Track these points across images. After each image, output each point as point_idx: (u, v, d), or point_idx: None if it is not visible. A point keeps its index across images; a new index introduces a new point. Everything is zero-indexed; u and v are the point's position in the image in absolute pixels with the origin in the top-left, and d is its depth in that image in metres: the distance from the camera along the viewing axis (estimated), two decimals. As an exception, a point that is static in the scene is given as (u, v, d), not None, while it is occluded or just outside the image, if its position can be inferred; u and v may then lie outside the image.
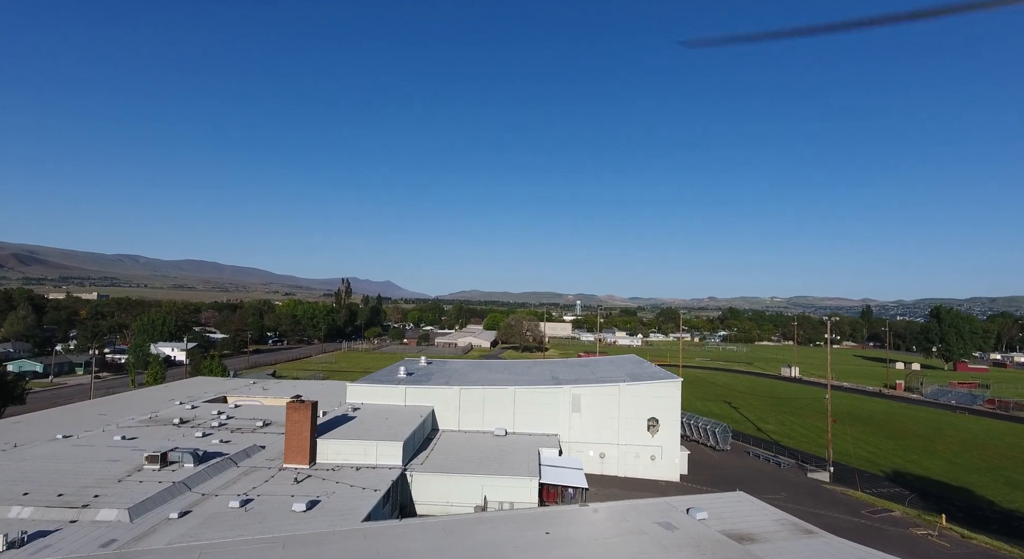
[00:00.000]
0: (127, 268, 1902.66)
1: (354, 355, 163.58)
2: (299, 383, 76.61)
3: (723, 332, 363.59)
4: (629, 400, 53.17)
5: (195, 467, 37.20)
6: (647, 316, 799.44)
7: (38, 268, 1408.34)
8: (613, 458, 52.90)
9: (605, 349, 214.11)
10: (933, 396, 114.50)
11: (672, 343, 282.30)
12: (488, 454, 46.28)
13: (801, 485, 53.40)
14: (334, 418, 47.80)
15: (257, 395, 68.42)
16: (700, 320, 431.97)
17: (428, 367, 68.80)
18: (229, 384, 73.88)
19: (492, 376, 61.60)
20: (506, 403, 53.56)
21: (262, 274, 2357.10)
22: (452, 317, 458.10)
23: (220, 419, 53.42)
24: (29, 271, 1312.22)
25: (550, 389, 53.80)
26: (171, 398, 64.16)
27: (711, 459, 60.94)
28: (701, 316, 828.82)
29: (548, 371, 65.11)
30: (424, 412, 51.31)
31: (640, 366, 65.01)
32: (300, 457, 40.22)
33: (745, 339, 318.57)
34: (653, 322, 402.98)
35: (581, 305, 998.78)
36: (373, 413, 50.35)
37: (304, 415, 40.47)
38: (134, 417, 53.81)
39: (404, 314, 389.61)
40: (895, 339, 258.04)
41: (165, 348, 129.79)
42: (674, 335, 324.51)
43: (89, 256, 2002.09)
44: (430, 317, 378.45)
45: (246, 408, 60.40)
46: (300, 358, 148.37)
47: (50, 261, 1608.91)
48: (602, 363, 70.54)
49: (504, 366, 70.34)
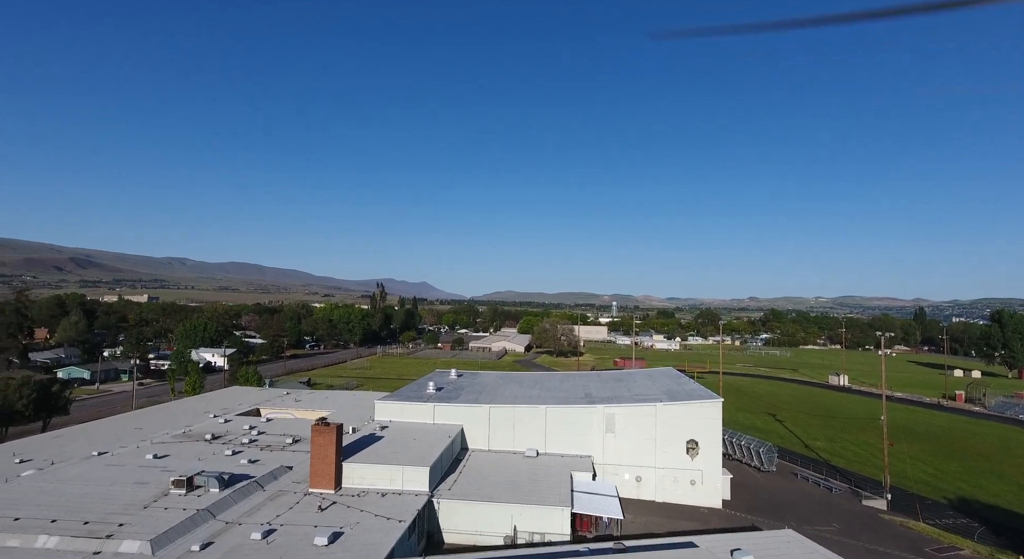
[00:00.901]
0: (175, 271, 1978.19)
1: (388, 360, 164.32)
2: (331, 394, 76.49)
3: (765, 335, 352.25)
4: (666, 421, 50.56)
5: (220, 492, 36.68)
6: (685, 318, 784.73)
7: (94, 271, 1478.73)
8: (650, 482, 50.39)
9: (642, 354, 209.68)
10: (998, 409, 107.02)
11: (712, 347, 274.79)
12: (518, 478, 44.52)
13: (855, 514, 49.75)
14: (361, 438, 46.87)
15: (289, 407, 68.52)
16: (741, 322, 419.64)
17: (458, 380, 67.53)
18: (263, 395, 74.31)
19: (523, 392, 59.78)
20: (537, 422, 51.70)
21: (302, 275, 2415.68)
22: (487, 319, 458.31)
23: (251, 434, 53.35)
24: (85, 274, 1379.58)
25: (583, 408, 51.66)
26: (206, 410, 64.82)
27: (755, 482, 57.64)
28: (742, 317, 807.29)
29: (581, 387, 62.89)
30: (452, 432, 49.92)
31: (678, 382, 62.09)
32: (325, 482, 39.32)
33: (789, 343, 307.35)
34: (691, 325, 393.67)
35: (617, 306, 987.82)
36: (401, 432, 49.24)
37: (329, 439, 39.54)
38: (168, 431, 54.28)
39: (439, 317, 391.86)
40: (952, 344, 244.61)
41: (206, 353, 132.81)
42: (713, 338, 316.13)
43: (140, 259, 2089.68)
44: (464, 320, 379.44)
45: (278, 422, 60.31)
46: (336, 364, 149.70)
47: (105, 264, 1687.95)
48: (638, 377, 67.83)
49: (535, 380, 68.42)
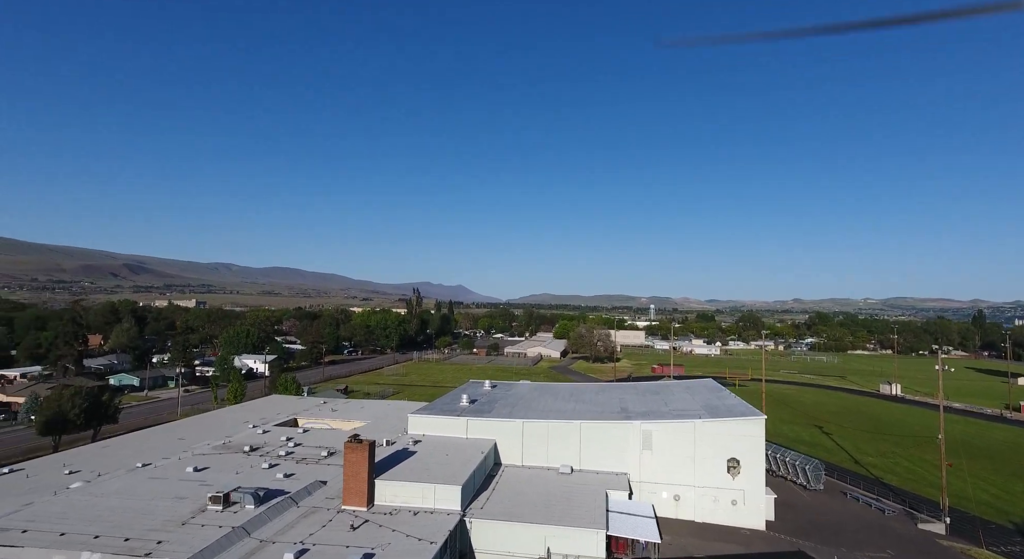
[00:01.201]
0: (221, 276, 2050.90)
1: (424, 366, 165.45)
2: (366, 403, 77.05)
3: (810, 339, 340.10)
4: (706, 438, 48.79)
5: (255, 509, 37.05)
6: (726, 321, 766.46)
7: (146, 277, 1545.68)
8: (689, 501, 48.68)
9: (680, 360, 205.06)
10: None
11: (754, 352, 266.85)
12: (552, 496, 43.61)
13: (911, 539, 46.90)
14: (395, 453, 46.79)
15: (326, 417, 69.32)
16: (784, 326, 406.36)
17: (492, 392, 67.04)
18: (301, 404, 75.45)
19: (557, 405, 58.80)
20: (571, 438, 50.66)
21: (341, 280, 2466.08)
22: (522, 323, 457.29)
23: (288, 446, 54.05)
24: (139, 280, 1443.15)
25: (618, 424, 50.37)
26: (245, 420, 66.15)
27: (801, 501, 55.12)
28: (785, 320, 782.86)
29: (617, 400, 61.47)
30: (486, 447, 49.37)
31: (718, 396, 59.99)
32: (358, 499, 39.29)
33: (836, 348, 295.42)
34: (732, 328, 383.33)
35: (655, 309, 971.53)
36: (434, 447, 48.97)
37: (361, 456, 39.51)
38: (209, 442, 55.52)
39: (475, 321, 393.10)
40: (1015, 349, 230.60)
41: (248, 360, 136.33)
42: (756, 343, 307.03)
43: (188, 265, 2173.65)
44: (500, 324, 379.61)
45: (314, 433, 60.99)
46: (373, 370, 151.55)
47: (156, 270, 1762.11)
48: (676, 390, 65.91)
49: (571, 392, 67.30)
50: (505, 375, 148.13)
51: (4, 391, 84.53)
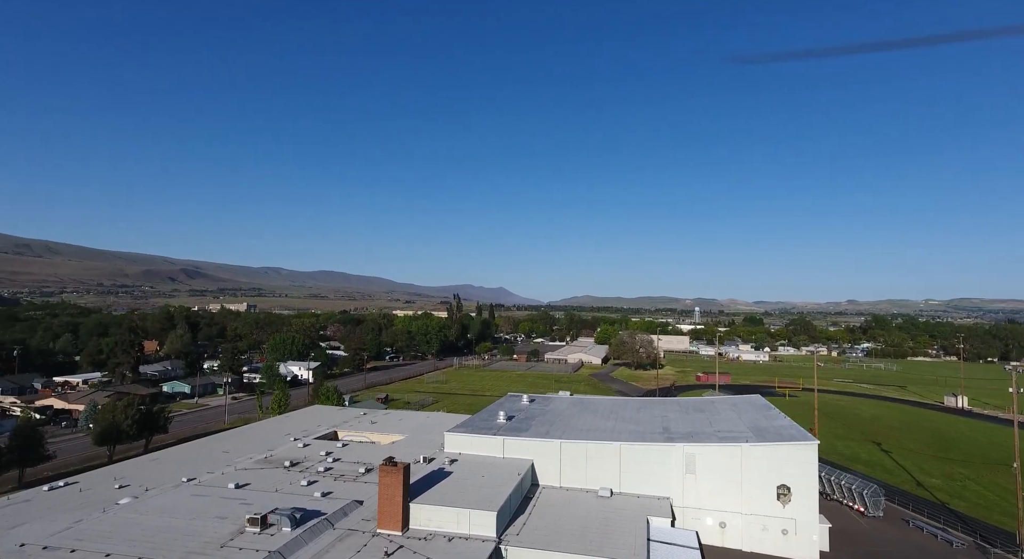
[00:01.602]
0: (271, 280, 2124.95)
1: (464, 373, 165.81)
2: (405, 416, 77.28)
3: (866, 345, 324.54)
4: (754, 463, 46.37)
5: (292, 531, 37.14)
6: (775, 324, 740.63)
7: (201, 281, 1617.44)
8: (736, 529, 46.37)
9: (727, 367, 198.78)
10: None
11: (805, 359, 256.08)
12: (590, 523, 42.18)
13: (983, 578, 43.27)
14: (431, 473, 46.35)
15: (365, 429, 69.81)
16: (838, 330, 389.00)
17: (530, 407, 66.01)
18: (341, 416, 76.30)
19: (596, 423, 57.28)
20: (611, 460, 49.09)
21: (385, 283, 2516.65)
22: (563, 326, 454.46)
23: (327, 461, 54.51)
24: (194, 284, 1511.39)
25: (660, 447, 48.47)
26: (287, 432, 67.30)
27: (858, 529, 51.84)
28: (840, 323, 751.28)
29: (659, 418, 59.43)
30: (522, 468, 48.36)
31: (766, 415, 57.18)
32: (392, 523, 38.94)
33: (894, 354, 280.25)
34: (782, 332, 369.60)
35: (700, 312, 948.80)
36: (470, 468, 48.28)
37: (396, 480, 39.15)
38: (251, 456, 56.59)
39: (515, 324, 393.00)
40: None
41: (293, 367, 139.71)
42: (807, 349, 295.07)
43: (240, 269, 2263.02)
44: (541, 328, 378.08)
45: (353, 447, 61.35)
46: (413, 377, 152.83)
47: (211, 275, 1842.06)
48: (721, 408, 63.30)
49: (610, 409, 65.56)
50: (545, 382, 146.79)
51: (67, 399, 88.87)
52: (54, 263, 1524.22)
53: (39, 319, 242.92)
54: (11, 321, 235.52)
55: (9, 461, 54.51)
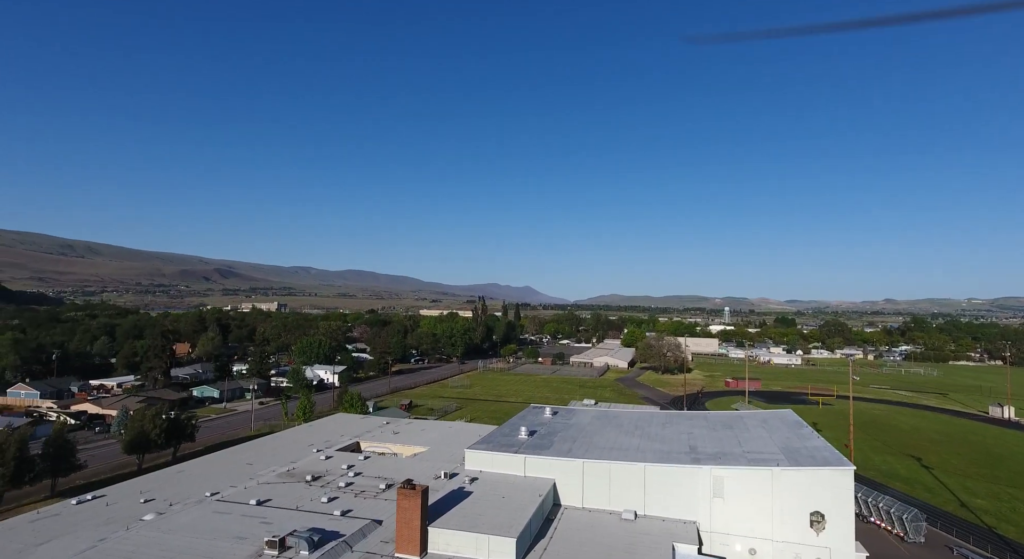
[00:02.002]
0: (301, 279, 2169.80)
1: (489, 377, 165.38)
2: (427, 426, 76.98)
3: (904, 347, 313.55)
4: (785, 488, 44.38)
5: (310, 555, 36.88)
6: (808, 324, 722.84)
7: (234, 281, 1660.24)
8: (766, 556, 44.45)
9: (757, 371, 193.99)
10: None
11: (839, 362, 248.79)
12: (614, 547, 40.89)
13: (1035, 617, 40.54)
14: (451, 493, 45.67)
15: (388, 440, 69.73)
16: (874, 332, 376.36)
17: (552, 420, 64.89)
18: (364, 425, 76.43)
19: (621, 440, 55.85)
20: (635, 481, 47.62)
21: (412, 282, 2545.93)
22: (590, 327, 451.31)
23: (348, 476, 54.40)
24: (227, 283, 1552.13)
25: (686, 469, 46.82)
26: (310, 443, 67.62)
27: (898, 557, 49.33)
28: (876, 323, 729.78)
29: (685, 435, 57.68)
30: (544, 488, 47.32)
31: (798, 434, 54.95)
32: (411, 547, 38.32)
33: (935, 357, 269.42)
34: (815, 334, 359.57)
35: (730, 311, 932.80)
36: (491, 487, 47.45)
37: (414, 503, 38.53)
38: (274, 469, 56.88)
39: (541, 325, 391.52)
40: None
41: (320, 371, 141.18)
42: (842, 352, 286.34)
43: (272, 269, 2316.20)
44: (567, 329, 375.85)
45: (375, 461, 61.19)
46: (437, 381, 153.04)
47: (243, 274, 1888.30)
48: (751, 424, 61.16)
49: (635, 423, 64.00)
50: (570, 388, 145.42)
51: (100, 404, 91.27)
52: (95, 263, 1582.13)
53: (79, 320, 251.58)
54: (53, 322, 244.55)
55: (42, 470, 55.78)
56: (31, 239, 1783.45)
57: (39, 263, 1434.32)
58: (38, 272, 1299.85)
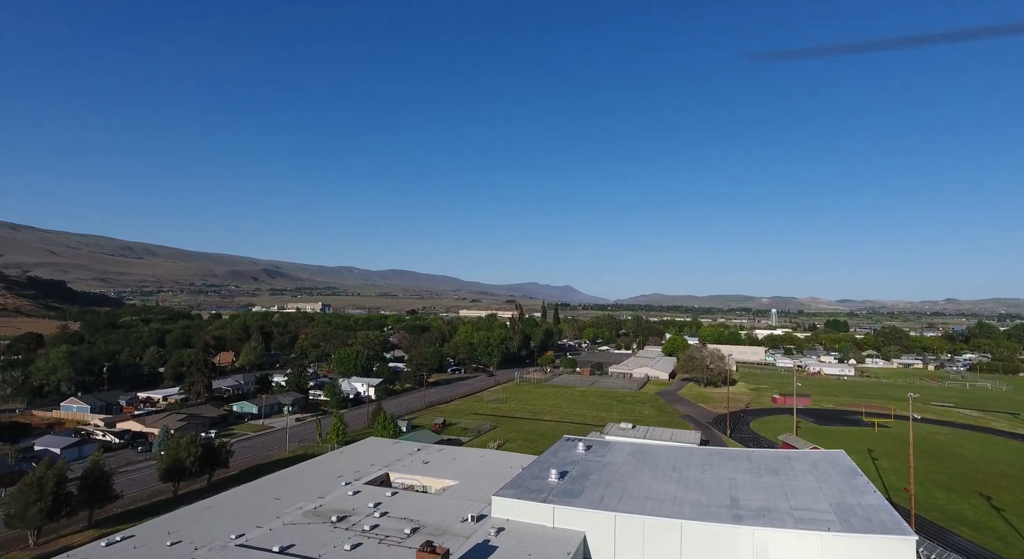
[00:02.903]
0: (344, 278, 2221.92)
1: (525, 389, 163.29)
2: (459, 454, 75.42)
3: (968, 355, 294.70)
4: (837, 557, 40.57)
5: (325, 621, 35.67)
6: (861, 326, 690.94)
7: (281, 281, 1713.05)
8: (815, 631, 40.74)
9: (807, 384, 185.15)
10: None
11: (897, 373, 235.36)
12: (646, 619, 38.15)
13: None
14: (474, 549, 43.79)
15: (417, 472, 68.53)
16: (935, 338, 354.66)
17: (585, 459, 62.22)
18: (394, 452, 75.53)
19: (656, 486, 52.82)
20: (670, 538, 44.60)
21: (452, 281, 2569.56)
22: (631, 329, 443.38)
23: (374, 516, 53.23)
24: (275, 283, 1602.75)
25: (727, 529, 43.49)
26: (339, 474, 67.01)
27: (967, 631, 44.55)
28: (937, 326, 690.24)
29: (726, 481, 54.12)
30: (573, 544, 44.86)
31: (852, 486, 50.68)
32: (434, 615, 36.64)
33: (1003, 368, 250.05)
34: (869, 340, 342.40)
35: (777, 313, 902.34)
36: (517, 542, 45.27)
37: (433, 568, 36.85)
38: (301, 505, 56.31)
39: (580, 330, 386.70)
40: None
41: (357, 383, 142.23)
42: (899, 361, 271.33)
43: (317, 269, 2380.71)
44: (606, 334, 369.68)
45: (402, 497, 59.91)
46: (472, 394, 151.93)
47: (290, 274, 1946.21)
48: (799, 468, 57.03)
49: (672, 464, 60.64)
50: (607, 403, 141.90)
51: (144, 422, 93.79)
52: (153, 264, 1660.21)
53: (133, 326, 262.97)
54: (110, 328, 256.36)
55: (79, 502, 56.82)
56: (95, 241, 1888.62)
57: (102, 264, 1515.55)
58: (101, 273, 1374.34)
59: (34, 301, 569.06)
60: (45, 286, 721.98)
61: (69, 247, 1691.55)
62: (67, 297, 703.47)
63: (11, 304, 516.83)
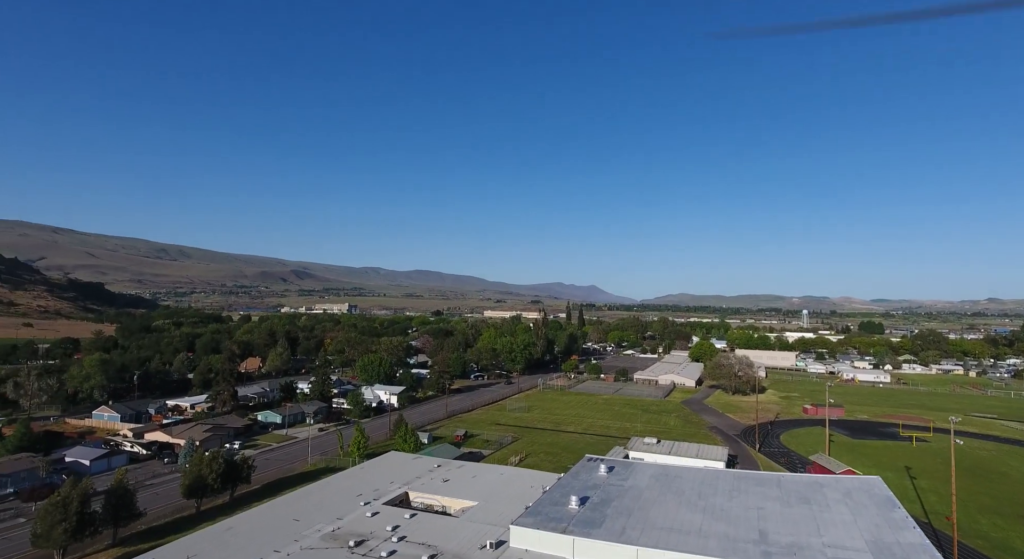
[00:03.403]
0: (370, 279, 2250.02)
1: (548, 397, 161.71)
2: (479, 471, 74.47)
3: (1013, 360, 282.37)
4: (876, 603, 38.20)
5: None
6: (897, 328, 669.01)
7: (309, 281, 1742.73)
8: None
9: (840, 392, 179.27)
10: None
11: (936, 381, 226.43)
12: None
13: None
14: (491, 584, 42.63)
15: (437, 491, 67.82)
16: (976, 342, 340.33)
17: (607, 483, 60.48)
18: (414, 470, 74.93)
19: (680, 516, 50.90)
20: (696, 578, 42.70)
21: (477, 281, 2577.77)
22: (657, 331, 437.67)
23: (392, 540, 52.57)
24: (303, 284, 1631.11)
25: (756, 569, 41.40)
26: (359, 492, 66.60)
27: None
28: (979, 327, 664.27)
29: (754, 511, 51.89)
30: (593, 581, 43.34)
31: (889, 520, 48.01)
32: (444, 658, 35.63)
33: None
34: (906, 344, 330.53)
35: (808, 314, 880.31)
36: (535, 576, 44.02)
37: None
38: (319, 528, 55.97)
39: (605, 333, 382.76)
40: None
41: (380, 391, 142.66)
42: (937, 367, 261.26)
43: (343, 270, 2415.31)
44: (632, 337, 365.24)
45: (421, 520, 59.16)
46: (495, 402, 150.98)
47: (317, 275, 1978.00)
48: (832, 498, 54.43)
49: (698, 490, 58.51)
50: (632, 412, 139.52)
51: (170, 433, 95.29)
52: (186, 266, 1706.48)
53: (165, 330, 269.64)
54: (143, 332, 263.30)
55: (104, 520, 57.51)
56: (132, 244, 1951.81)
57: (138, 266, 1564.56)
58: (137, 275, 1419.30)
59: (74, 303, 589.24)
60: (85, 288, 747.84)
61: (107, 249, 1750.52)
62: (105, 299, 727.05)
63: (52, 306, 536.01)
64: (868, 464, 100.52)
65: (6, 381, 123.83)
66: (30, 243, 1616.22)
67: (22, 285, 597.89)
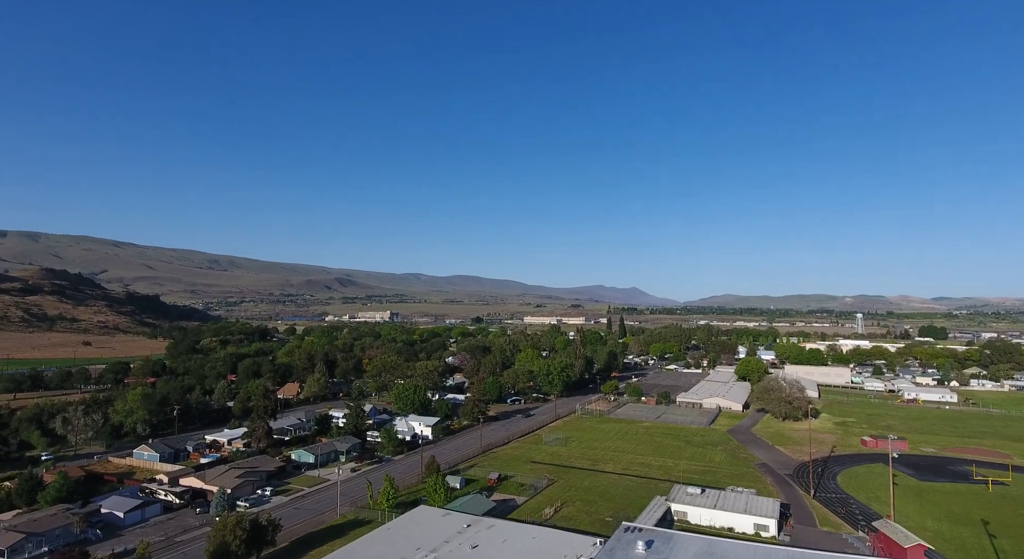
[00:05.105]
0: (411, 285, 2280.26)
1: (587, 425, 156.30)
2: (510, 534, 70.53)
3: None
4: None
5: None
6: (962, 330, 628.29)
7: (352, 289, 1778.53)
8: None
9: (901, 416, 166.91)
10: None
11: (1009, 400, 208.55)
12: None
13: None
14: None
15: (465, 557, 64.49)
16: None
17: (645, 566, 55.66)
18: (442, 532, 71.70)
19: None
20: None
21: (516, 286, 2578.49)
22: (701, 341, 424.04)
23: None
24: (346, 291, 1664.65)
25: None
26: None
27: None
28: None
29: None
30: None
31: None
32: None
33: None
34: (973, 355, 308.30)
35: (863, 316, 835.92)
36: None
37: None
38: (339, 613, 53.45)
39: (646, 345, 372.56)
40: None
41: (414, 422, 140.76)
42: (1011, 383, 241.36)
43: (386, 276, 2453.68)
44: (674, 349, 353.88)
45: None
46: (532, 432, 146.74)
47: (360, 282, 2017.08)
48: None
49: None
50: (674, 446, 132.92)
51: (204, 479, 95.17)
52: (236, 275, 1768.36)
53: (211, 350, 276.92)
54: (189, 353, 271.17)
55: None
56: (186, 256, 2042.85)
57: (192, 277, 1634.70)
58: (191, 285, 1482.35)
59: (131, 318, 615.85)
60: (142, 301, 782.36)
61: (164, 261, 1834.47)
62: (160, 311, 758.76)
63: (111, 321, 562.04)
64: (939, 515, 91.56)
65: (55, 416, 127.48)
66: (94, 256, 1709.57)
67: (84, 301, 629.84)
